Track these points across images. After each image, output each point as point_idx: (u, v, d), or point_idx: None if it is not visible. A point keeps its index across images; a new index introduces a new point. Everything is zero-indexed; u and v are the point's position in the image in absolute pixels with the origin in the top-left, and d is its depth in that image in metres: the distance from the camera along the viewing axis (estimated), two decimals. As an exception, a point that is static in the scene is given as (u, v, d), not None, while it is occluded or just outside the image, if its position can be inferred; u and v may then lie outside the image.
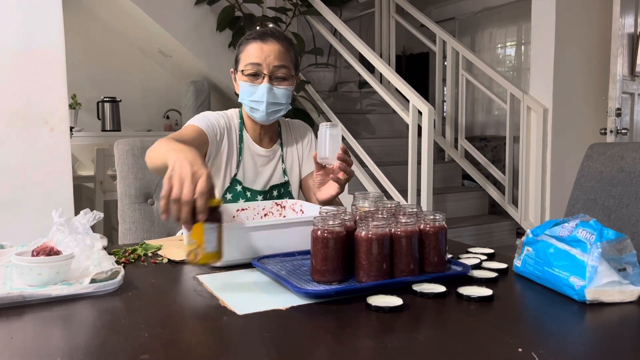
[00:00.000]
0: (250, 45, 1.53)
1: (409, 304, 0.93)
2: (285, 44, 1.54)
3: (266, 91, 1.50)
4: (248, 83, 1.52)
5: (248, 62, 1.51)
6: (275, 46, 1.51)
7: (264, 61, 1.50)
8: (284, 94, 1.53)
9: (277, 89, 1.52)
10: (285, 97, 1.54)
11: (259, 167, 1.61)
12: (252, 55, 1.51)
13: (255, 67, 1.50)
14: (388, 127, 4.50)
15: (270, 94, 1.51)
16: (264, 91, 1.50)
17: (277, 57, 1.51)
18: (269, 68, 1.50)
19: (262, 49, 1.50)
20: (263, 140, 1.63)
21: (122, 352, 0.75)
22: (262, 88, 1.50)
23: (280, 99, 1.53)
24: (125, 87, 4.82)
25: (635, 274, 0.96)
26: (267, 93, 1.50)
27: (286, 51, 1.53)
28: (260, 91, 1.51)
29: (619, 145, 1.62)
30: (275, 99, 1.52)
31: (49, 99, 2.33)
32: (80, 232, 1.12)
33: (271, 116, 1.55)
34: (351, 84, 4.96)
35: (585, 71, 3.49)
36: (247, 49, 1.53)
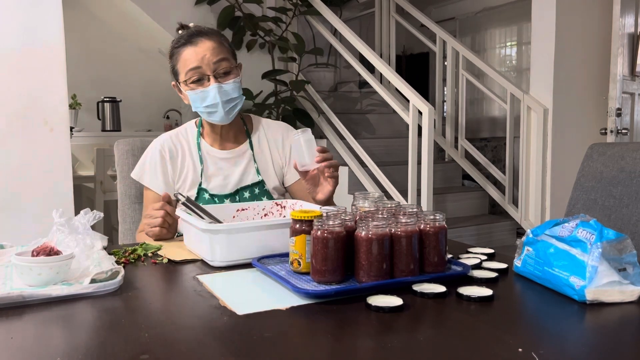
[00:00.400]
0: (182, 52, 1.50)
1: (409, 304, 0.93)
2: (216, 37, 1.50)
3: (217, 91, 1.47)
4: (195, 90, 1.49)
5: (187, 69, 1.48)
6: (207, 43, 1.48)
7: (202, 62, 1.47)
8: (234, 87, 1.50)
9: (226, 84, 1.49)
10: (236, 91, 1.50)
11: (224, 170, 1.58)
12: (188, 61, 1.48)
13: (196, 71, 1.47)
14: (388, 127, 4.50)
15: (221, 93, 1.47)
16: (215, 92, 1.47)
17: (213, 52, 1.47)
18: (210, 67, 1.47)
19: (195, 52, 1.47)
20: (225, 143, 1.60)
21: (122, 352, 0.75)
22: (212, 89, 1.47)
23: (232, 94, 1.49)
24: (125, 87, 4.82)
25: (635, 274, 0.96)
26: (218, 93, 1.47)
27: (219, 44, 1.50)
28: (211, 94, 1.48)
29: (619, 145, 1.62)
30: (228, 95, 1.49)
31: (49, 99, 2.33)
32: (80, 232, 1.12)
33: (230, 113, 1.52)
34: (351, 84, 4.96)
35: (585, 71, 3.49)
36: (181, 57, 1.50)
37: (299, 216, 1.07)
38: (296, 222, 1.07)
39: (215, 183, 1.57)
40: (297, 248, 1.07)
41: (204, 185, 1.56)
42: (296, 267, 1.08)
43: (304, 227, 1.06)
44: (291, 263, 1.09)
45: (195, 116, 1.63)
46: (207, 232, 1.17)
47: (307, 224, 1.06)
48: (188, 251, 1.30)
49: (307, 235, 1.06)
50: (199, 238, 1.22)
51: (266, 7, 4.19)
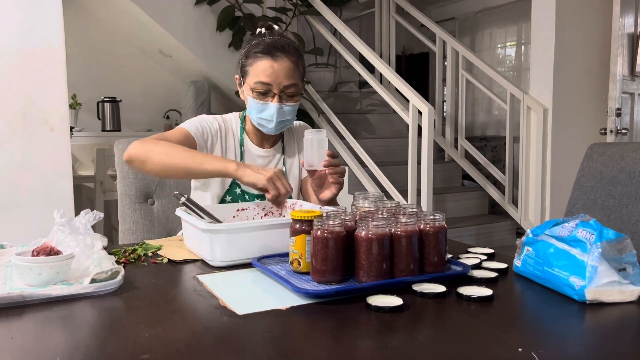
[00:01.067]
0: (259, 61, 1.48)
1: (409, 304, 0.93)
2: (294, 58, 1.50)
3: (276, 111, 1.49)
4: (257, 100, 1.50)
5: (257, 80, 1.48)
6: (285, 63, 1.47)
7: (274, 81, 1.47)
8: (293, 109, 1.53)
9: (287, 106, 1.51)
10: (292, 113, 1.53)
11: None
12: (261, 73, 1.47)
13: (265, 86, 1.48)
14: (388, 127, 4.50)
15: (279, 113, 1.50)
16: (274, 111, 1.49)
17: (287, 75, 1.48)
18: (279, 87, 1.48)
19: (272, 67, 1.47)
20: (264, 143, 1.63)
21: (122, 352, 0.75)
22: (272, 108, 1.49)
23: (288, 115, 1.52)
24: (125, 87, 4.82)
25: (635, 274, 0.96)
26: (277, 113, 1.49)
27: (295, 67, 1.50)
28: (269, 110, 1.49)
29: (619, 145, 1.62)
30: (284, 116, 1.51)
31: (49, 99, 2.33)
32: (81, 232, 1.12)
33: (279, 130, 1.55)
34: (351, 84, 4.96)
35: (585, 71, 3.49)
36: (256, 65, 1.49)
37: (299, 216, 1.07)
38: (296, 222, 1.08)
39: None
40: (297, 248, 1.07)
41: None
42: (296, 267, 1.08)
43: (304, 227, 1.07)
44: (291, 263, 1.09)
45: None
46: (207, 232, 1.17)
47: (307, 224, 1.06)
48: (188, 251, 1.30)
49: (307, 235, 1.06)
50: (199, 238, 1.22)
51: (266, 7, 4.19)
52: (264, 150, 1.63)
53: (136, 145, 1.42)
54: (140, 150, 1.41)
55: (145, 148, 1.41)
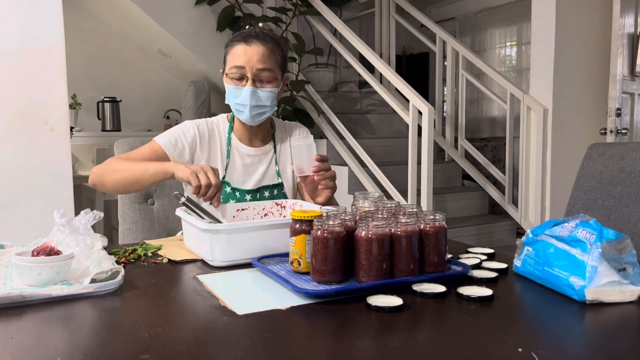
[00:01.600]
0: (235, 47, 1.54)
1: (409, 304, 0.93)
2: (270, 45, 1.53)
3: (249, 94, 1.51)
4: (232, 86, 1.53)
5: (232, 64, 1.53)
6: (259, 48, 1.51)
7: (247, 64, 1.51)
8: (268, 96, 1.54)
9: (261, 91, 1.53)
10: (269, 99, 1.54)
11: (249, 167, 1.62)
12: (236, 58, 1.52)
13: (238, 70, 1.51)
14: (388, 127, 4.50)
15: (253, 97, 1.52)
16: (248, 94, 1.51)
17: (261, 59, 1.51)
18: (252, 71, 1.51)
19: (245, 52, 1.51)
20: (253, 141, 1.64)
21: (122, 352, 0.75)
22: (246, 91, 1.51)
23: (264, 101, 1.54)
24: (125, 87, 4.82)
25: (635, 274, 0.96)
26: (251, 96, 1.51)
27: (270, 53, 1.53)
28: (244, 94, 1.52)
29: (619, 145, 1.62)
30: (259, 101, 1.53)
31: (49, 99, 2.33)
32: (81, 232, 1.12)
33: (256, 118, 1.56)
34: (351, 84, 4.95)
35: (585, 71, 3.49)
36: (232, 51, 1.54)
37: (299, 216, 1.07)
38: (296, 222, 1.08)
39: (238, 178, 1.60)
40: (297, 248, 1.07)
41: (227, 179, 1.59)
42: (296, 267, 1.08)
43: (304, 227, 1.07)
44: (291, 263, 1.09)
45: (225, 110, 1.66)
46: (207, 232, 1.17)
47: (307, 224, 1.06)
48: (188, 251, 1.30)
49: (307, 235, 1.06)
50: (199, 238, 1.22)
51: (266, 7, 4.19)
52: (254, 149, 1.63)
53: (94, 170, 1.50)
54: (96, 174, 1.49)
55: (100, 171, 1.49)
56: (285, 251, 1.15)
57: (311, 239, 1.03)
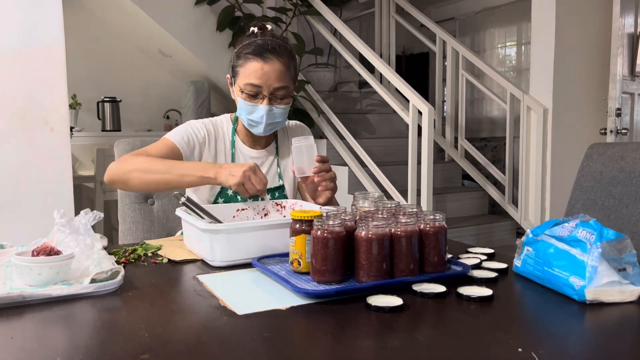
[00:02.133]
0: (250, 63, 1.47)
1: (409, 304, 0.93)
2: (285, 60, 1.48)
3: (265, 113, 1.48)
4: (247, 102, 1.49)
5: (247, 81, 1.47)
6: (276, 65, 1.46)
7: (265, 83, 1.46)
8: (283, 112, 1.51)
9: (277, 108, 1.50)
10: (283, 115, 1.52)
11: None
12: (251, 75, 1.46)
13: (254, 88, 1.47)
14: (388, 127, 4.50)
15: (269, 115, 1.49)
16: (263, 113, 1.48)
17: (278, 78, 1.46)
18: (269, 90, 1.47)
19: (262, 69, 1.45)
20: (256, 143, 1.63)
21: (122, 352, 0.75)
22: (262, 110, 1.48)
23: (278, 118, 1.52)
24: (125, 87, 4.82)
25: (635, 274, 0.96)
26: (267, 115, 1.48)
27: (286, 69, 1.48)
28: (259, 112, 1.48)
29: (619, 145, 1.62)
30: (274, 118, 1.51)
31: (49, 99, 2.33)
32: (81, 232, 1.12)
33: (268, 132, 1.55)
34: (351, 84, 4.95)
35: (585, 71, 3.49)
36: (246, 66, 1.47)
37: (299, 216, 1.07)
38: (296, 222, 1.08)
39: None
40: (297, 248, 1.07)
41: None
42: (296, 267, 1.08)
43: (304, 227, 1.07)
44: (291, 263, 1.09)
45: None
46: (207, 232, 1.17)
47: (307, 223, 1.06)
48: (188, 251, 1.30)
49: (307, 235, 1.06)
50: (199, 238, 1.22)
51: (266, 7, 4.19)
52: (256, 151, 1.62)
53: (115, 166, 1.44)
54: (119, 170, 1.43)
55: (124, 168, 1.42)
56: (285, 251, 1.15)
57: (311, 239, 1.03)
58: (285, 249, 1.14)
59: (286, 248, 1.12)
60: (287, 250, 1.11)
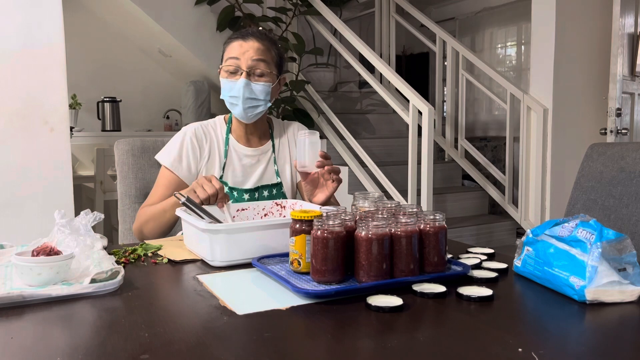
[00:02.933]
0: (232, 42, 1.57)
1: (409, 304, 0.93)
2: (266, 42, 1.57)
3: (243, 86, 1.52)
4: (227, 79, 1.55)
5: (228, 56, 1.55)
6: (255, 44, 1.55)
7: (242, 56, 1.53)
8: (262, 89, 1.54)
9: (255, 84, 1.54)
10: (263, 93, 1.55)
11: (247, 167, 1.63)
12: (232, 50, 1.55)
13: (234, 61, 1.53)
14: (388, 127, 4.50)
15: (247, 89, 1.53)
16: (241, 86, 1.52)
17: (256, 52, 1.54)
18: (247, 63, 1.53)
19: (241, 45, 1.54)
20: (251, 140, 1.65)
21: (122, 352, 0.75)
22: (240, 83, 1.53)
23: (257, 95, 1.54)
24: (125, 87, 4.82)
25: (635, 274, 0.96)
26: (244, 88, 1.52)
27: (266, 49, 1.56)
28: (237, 86, 1.53)
29: (619, 145, 1.62)
30: (252, 94, 1.54)
31: (49, 99, 2.33)
32: (82, 233, 1.12)
33: (249, 112, 1.56)
34: (351, 84, 4.96)
35: (585, 71, 3.49)
36: (229, 47, 1.57)
37: (299, 216, 1.07)
38: (296, 222, 1.08)
39: (236, 177, 1.61)
40: (297, 248, 1.07)
41: (225, 179, 1.60)
42: (296, 267, 1.08)
43: (304, 227, 1.07)
44: (291, 263, 1.09)
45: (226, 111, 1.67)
46: (207, 232, 1.17)
47: (307, 223, 1.06)
48: (188, 251, 1.30)
49: (307, 235, 1.06)
50: (199, 238, 1.22)
51: (266, 7, 4.19)
52: (252, 149, 1.64)
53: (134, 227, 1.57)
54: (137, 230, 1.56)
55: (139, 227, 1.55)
56: (285, 251, 1.15)
57: (311, 239, 1.03)
58: (285, 249, 1.14)
59: (286, 248, 1.12)
60: (287, 250, 1.11)
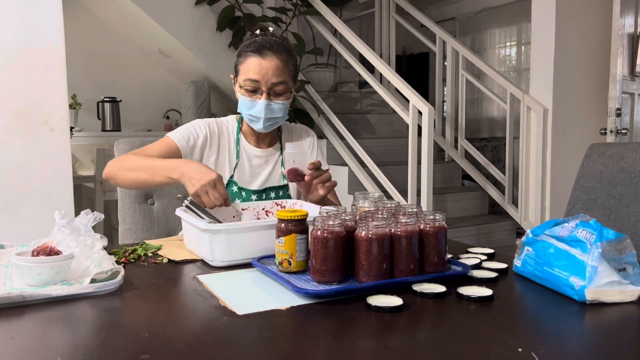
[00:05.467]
0: (248, 59, 1.52)
1: (409, 304, 0.93)
2: (284, 57, 1.53)
3: (264, 107, 1.52)
4: (247, 97, 1.53)
5: (246, 77, 1.52)
6: (274, 61, 1.51)
7: (262, 78, 1.50)
8: (281, 107, 1.55)
9: (275, 104, 1.53)
10: (282, 111, 1.56)
11: (255, 168, 1.63)
12: (250, 70, 1.51)
13: (253, 83, 1.51)
14: (388, 127, 4.50)
15: (267, 110, 1.52)
16: (262, 107, 1.52)
17: (275, 73, 1.51)
18: (267, 85, 1.51)
19: (260, 65, 1.50)
20: (260, 142, 1.66)
21: (122, 352, 0.75)
22: (260, 105, 1.52)
23: (277, 113, 1.55)
24: (125, 87, 4.82)
25: (635, 274, 0.96)
26: (265, 109, 1.52)
27: (284, 65, 1.53)
28: (258, 107, 1.52)
29: (619, 145, 1.62)
30: (273, 113, 1.54)
31: (49, 99, 2.33)
32: (82, 233, 1.12)
33: (269, 128, 1.58)
34: (351, 84, 4.95)
35: (585, 71, 3.49)
36: (245, 63, 1.53)
37: (286, 216, 1.07)
38: (283, 222, 1.08)
39: (245, 178, 1.61)
40: (286, 248, 1.07)
41: (234, 179, 1.60)
42: (286, 266, 1.07)
43: (290, 226, 1.07)
44: (280, 263, 1.08)
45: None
46: (207, 232, 1.17)
47: (294, 223, 1.07)
48: (188, 251, 1.30)
49: (297, 234, 1.07)
50: (199, 238, 1.22)
51: (266, 7, 4.19)
52: (261, 150, 1.64)
53: (110, 164, 1.50)
54: (112, 168, 1.50)
55: (116, 166, 1.49)
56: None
57: (311, 239, 1.03)
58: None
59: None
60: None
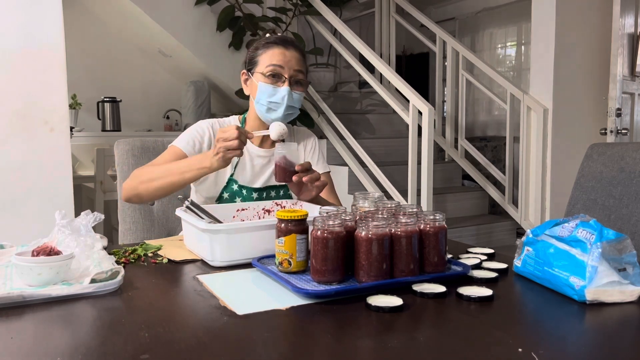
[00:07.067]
0: (272, 49, 1.57)
1: (409, 304, 0.93)
2: (303, 53, 1.62)
3: (287, 94, 1.54)
4: (269, 84, 1.55)
5: (270, 63, 1.55)
6: (295, 53, 1.58)
7: (287, 64, 1.55)
8: (298, 98, 1.59)
9: (295, 93, 1.57)
10: (299, 102, 1.60)
11: (258, 167, 1.63)
12: (274, 58, 1.56)
13: (278, 69, 1.55)
14: (388, 127, 4.50)
15: (289, 98, 1.55)
16: (285, 94, 1.54)
17: (298, 62, 1.58)
18: (290, 72, 1.56)
19: (284, 54, 1.56)
20: (263, 142, 1.66)
21: (122, 352, 0.75)
22: (283, 91, 1.55)
23: (295, 103, 1.58)
24: (125, 87, 4.82)
25: (635, 274, 0.96)
26: (287, 96, 1.55)
27: (303, 59, 1.61)
28: (280, 93, 1.55)
29: (619, 145, 1.62)
30: (293, 102, 1.57)
31: (49, 99, 2.33)
32: (82, 233, 1.12)
33: (287, 118, 1.59)
34: (351, 84, 4.95)
35: (585, 71, 3.49)
36: (268, 52, 1.57)
37: (286, 216, 1.07)
38: (283, 222, 1.08)
39: (246, 177, 1.62)
40: (286, 248, 1.07)
41: (235, 177, 1.60)
42: (286, 267, 1.07)
43: (290, 226, 1.07)
44: (280, 263, 1.08)
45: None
46: (207, 232, 1.17)
47: (294, 223, 1.07)
48: (188, 251, 1.30)
49: (297, 234, 1.07)
50: (199, 238, 1.22)
51: (266, 7, 4.19)
52: (263, 150, 1.65)
53: (126, 186, 1.50)
54: (130, 186, 1.49)
55: (134, 183, 1.48)
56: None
57: (311, 239, 1.03)
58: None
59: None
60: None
